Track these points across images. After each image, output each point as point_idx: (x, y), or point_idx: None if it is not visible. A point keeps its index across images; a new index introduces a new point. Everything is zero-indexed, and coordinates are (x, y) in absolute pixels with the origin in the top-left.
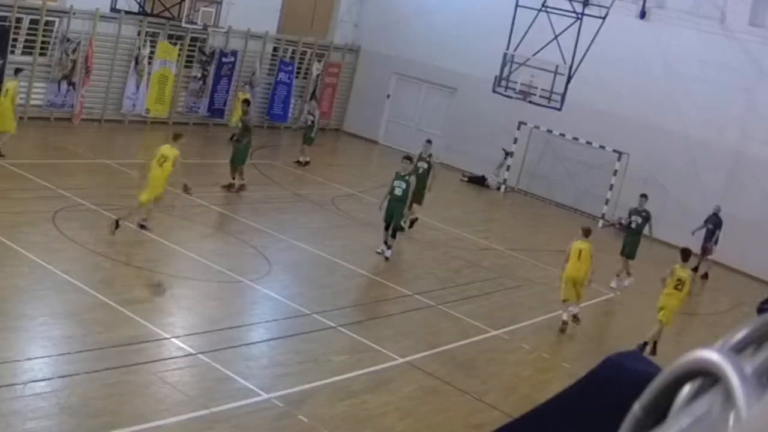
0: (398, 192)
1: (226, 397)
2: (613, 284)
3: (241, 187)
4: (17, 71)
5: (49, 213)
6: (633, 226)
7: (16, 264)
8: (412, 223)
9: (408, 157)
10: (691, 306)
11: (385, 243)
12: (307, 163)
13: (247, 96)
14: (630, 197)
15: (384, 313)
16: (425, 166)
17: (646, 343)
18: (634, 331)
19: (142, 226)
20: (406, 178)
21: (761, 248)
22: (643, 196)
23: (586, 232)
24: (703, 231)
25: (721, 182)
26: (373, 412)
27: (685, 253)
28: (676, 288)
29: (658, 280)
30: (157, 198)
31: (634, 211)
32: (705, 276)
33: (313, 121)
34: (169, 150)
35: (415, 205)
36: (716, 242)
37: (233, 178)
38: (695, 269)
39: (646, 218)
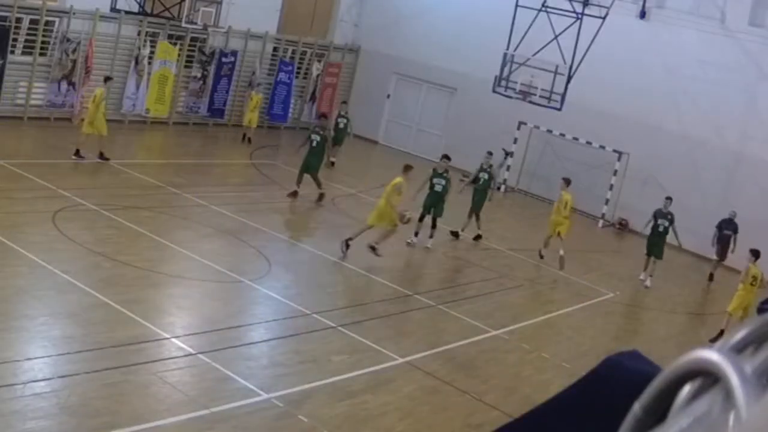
0: (438, 188)
1: (226, 397)
2: (642, 277)
3: (294, 194)
4: (107, 79)
5: (49, 213)
6: (660, 229)
7: (16, 264)
8: (478, 237)
9: (446, 156)
10: (692, 306)
11: (416, 233)
12: (332, 163)
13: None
14: (630, 197)
15: (384, 313)
16: (485, 176)
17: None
18: (634, 331)
19: (373, 248)
20: (445, 175)
21: (761, 248)
22: (668, 198)
23: (567, 182)
24: (714, 235)
25: (721, 182)
26: (373, 412)
27: (756, 253)
28: (751, 284)
29: (660, 281)
30: (391, 226)
31: (659, 214)
32: (710, 277)
33: (345, 124)
34: (398, 180)
35: (472, 220)
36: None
37: (298, 184)
38: (711, 278)
39: (671, 220)
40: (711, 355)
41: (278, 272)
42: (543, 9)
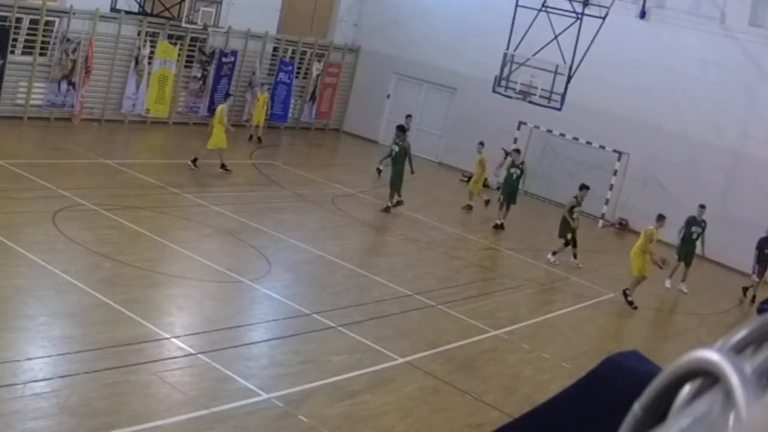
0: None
1: (226, 397)
2: (668, 285)
3: (388, 209)
4: (227, 96)
5: (49, 213)
6: (695, 236)
7: (16, 264)
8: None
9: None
10: (691, 306)
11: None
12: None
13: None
14: (630, 197)
15: (384, 313)
16: (518, 172)
17: None
18: (634, 331)
19: (628, 298)
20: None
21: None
22: (702, 206)
23: (483, 144)
24: (755, 256)
25: (721, 182)
26: (373, 412)
27: None
28: None
29: (660, 281)
30: (643, 275)
31: (692, 221)
32: (753, 299)
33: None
34: (649, 229)
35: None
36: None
37: (392, 197)
38: (753, 298)
39: (704, 227)
40: (711, 355)
41: (278, 272)
42: (543, 9)
